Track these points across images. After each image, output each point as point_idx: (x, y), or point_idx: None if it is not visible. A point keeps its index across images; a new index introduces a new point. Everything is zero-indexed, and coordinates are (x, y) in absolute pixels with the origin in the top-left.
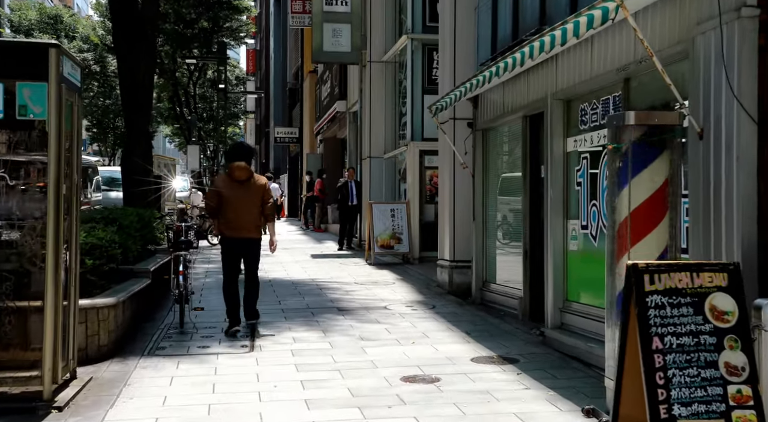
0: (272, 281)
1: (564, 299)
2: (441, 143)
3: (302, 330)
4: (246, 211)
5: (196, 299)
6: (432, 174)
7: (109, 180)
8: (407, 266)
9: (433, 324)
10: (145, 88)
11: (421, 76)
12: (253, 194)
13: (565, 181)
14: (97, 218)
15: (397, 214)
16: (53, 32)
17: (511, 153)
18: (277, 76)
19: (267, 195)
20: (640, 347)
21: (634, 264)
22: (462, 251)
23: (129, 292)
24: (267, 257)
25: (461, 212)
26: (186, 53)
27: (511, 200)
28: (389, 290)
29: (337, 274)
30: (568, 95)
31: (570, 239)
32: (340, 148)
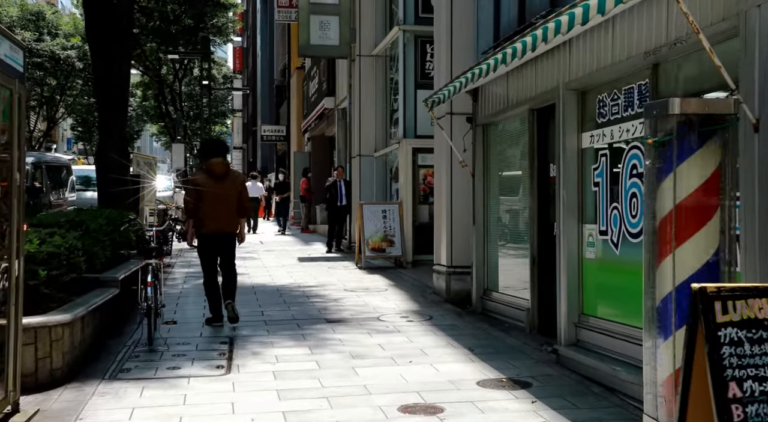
0: (255, 288)
1: (579, 312)
2: (437, 139)
3: (287, 345)
4: (224, 206)
5: (171, 308)
6: (426, 173)
7: (85, 179)
8: (400, 270)
9: (432, 338)
10: (121, 83)
11: (413, 70)
12: (231, 189)
13: (580, 181)
14: (61, 222)
15: (389, 215)
16: (35, 29)
17: (515, 150)
18: (264, 73)
19: (244, 191)
20: (713, 394)
21: (702, 288)
22: (460, 257)
23: (90, 306)
24: (251, 259)
25: (459, 214)
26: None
27: (515, 201)
28: (382, 298)
29: (326, 279)
30: (584, 85)
31: (586, 245)
32: (329, 146)
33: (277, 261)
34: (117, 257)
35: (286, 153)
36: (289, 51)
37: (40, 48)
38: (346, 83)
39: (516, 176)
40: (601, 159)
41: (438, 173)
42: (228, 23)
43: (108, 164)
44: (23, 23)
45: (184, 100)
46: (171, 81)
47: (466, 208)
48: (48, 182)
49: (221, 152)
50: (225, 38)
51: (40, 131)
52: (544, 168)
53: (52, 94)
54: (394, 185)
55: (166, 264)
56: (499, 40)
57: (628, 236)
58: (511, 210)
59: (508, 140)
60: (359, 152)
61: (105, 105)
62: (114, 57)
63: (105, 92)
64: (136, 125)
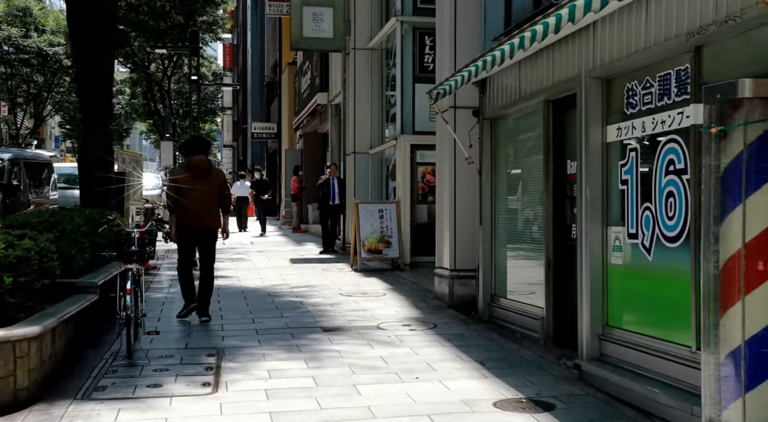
0: (246, 292)
1: (603, 324)
2: (439, 134)
3: (280, 358)
4: (205, 202)
5: (154, 316)
6: (424, 171)
7: (69, 177)
8: (397, 273)
9: (438, 350)
10: (105, 77)
11: (411, 64)
12: (211, 186)
13: (604, 178)
14: (34, 223)
15: (386, 215)
16: (22, 25)
17: (527, 146)
18: (254, 70)
19: (225, 187)
20: None
21: None
22: (464, 259)
23: (62, 316)
24: (241, 260)
25: (464, 215)
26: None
27: (527, 201)
28: (381, 304)
29: (320, 283)
30: (610, 72)
31: (612, 250)
32: (322, 143)
33: (269, 262)
34: (98, 260)
35: (277, 151)
36: (280, 47)
37: (27, 44)
38: (340, 78)
39: (528, 173)
40: (630, 154)
41: (440, 170)
42: (218, 20)
43: (91, 161)
44: (9, 19)
45: (174, 98)
46: (160, 78)
47: (471, 208)
48: (27, 179)
49: (202, 149)
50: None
51: (27, 129)
52: (561, 165)
53: (39, 91)
54: (391, 184)
55: (151, 266)
56: (511, 26)
57: (663, 240)
58: (522, 210)
59: (519, 135)
60: (354, 149)
61: (88, 100)
62: (97, 49)
63: (88, 86)
64: (125, 122)
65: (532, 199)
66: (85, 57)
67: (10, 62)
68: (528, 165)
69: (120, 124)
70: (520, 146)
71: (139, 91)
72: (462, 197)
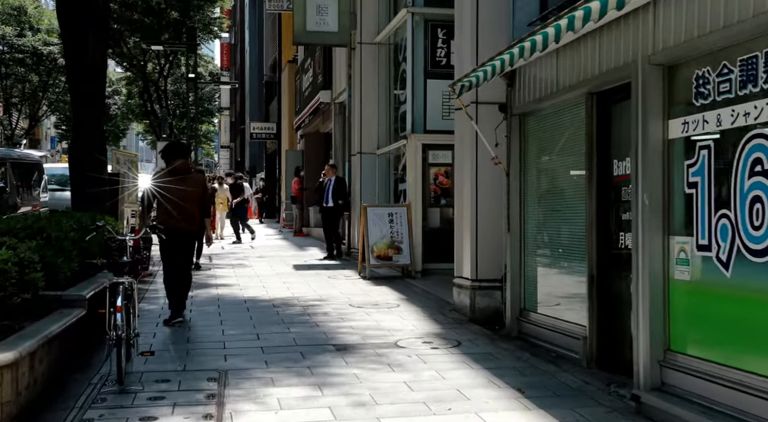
0: (248, 302)
1: (665, 348)
2: (459, 133)
3: (290, 383)
4: (185, 205)
5: (148, 331)
6: (437, 172)
7: (61, 179)
8: (409, 281)
9: (467, 372)
10: (98, 74)
11: (423, 58)
12: (193, 190)
13: (666, 181)
14: (17, 229)
15: (396, 219)
16: (17, 24)
17: (565, 143)
18: (252, 69)
19: (206, 192)
20: None
21: None
22: (487, 268)
23: (43, 337)
24: (242, 267)
25: (487, 219)
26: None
27: (562, 205)
28: (395, 317)
29: (327, 292)
30: (675, 57)
31: (676, 263)
32: (324, 143)
33: (271, 269)
34: (87, 268)
35: (276, 151)
36: (280, 44)
37: (21, 44)
38: (344, 75)
39: (564, 174)
40: (701, 152)
41: (459, 171)
42: (215, 19)
43: (83, 162)
44: (4, 18)
45: (170, 98)
46: (156, 78)
47: (496, 212)
48: (14, 181)
49: (183, 153)
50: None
51: (23, 129)
52: (606, 165)
53: (34, 91)
54: (401, 186)
55: (147, 273)
56: (548, 10)
57: (747, 253)
58: (558, 216)
59: (554, 132)
60: (360, 150)
61: (80, 98)
62: (89, 45)
63: (80, 84)
64: (121, 123)
65: (569, 203)
66: (77, 54)
67: (4, 62)
68: (564, 165)
69: (116, 124)
70: (554, 144)
71: (135, 91)
72: (485, 201)
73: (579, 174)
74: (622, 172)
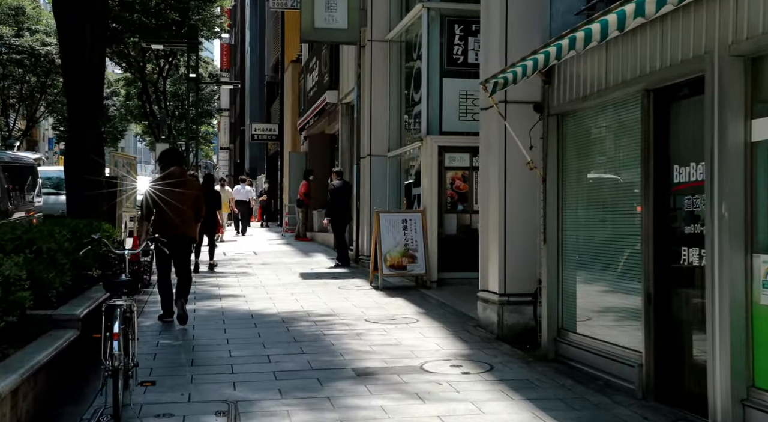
0: (255, 317)
1: (748, 384)
2: (485, 134)
3: (309, 419)
4: (180, 211)
5: (148, 352)
6: (453, 176)
7: (57, 182)
8: (424, 292)
9: (507, 405)
10: (96, 72)
11: (439, 56)
12: (187, 195)
13: (749, 190)
14: (4, 241)
15: (411, 226)
16: (14, 24)
17: (611, 147)
18: (253, 70)
19: (200, 197)
20: None
21: None
22: (516, 282)
23: (28, 369)
24: (245, 275)
25: (516, 229)
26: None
27: (612, 214)
28: (416, 334)
29: (339, 305)
30: (761, 47)
31: (762, 286)
32: (329, 145)
33: (276, 278)
34: (82, 281)
35: (278, 153)
36: (283, 43)
37: (19, 44)
38: (352, 74)
39: (614, 180)
40: None
41: (485, 176)
42: (215, 19)
43: (80, 165)
44: (2, 18)
45: (169, 99)
46: (155, 79)
47: (526, 221)
48: (6, 185)
49: (177, 160)
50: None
51: (20, 131)
52: (664, 170)
53: (32, 92)
54: (414, 190)
55: (146, 284)
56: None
57: None
58: (605, 226)
59: (600, 133)
60: (369, 152)
61: (76, 98)
62: (86, 44)
63: (76, 84)
64: (120, 124)
65: (619, 213)
66: (74, 52)
67: (2, 63)
68: (612, 171)
69: (114, 126)
70: (600, 147)
71: (134, 92)
72: (514, 209)
73: (631, 181)
74: (684, 179)
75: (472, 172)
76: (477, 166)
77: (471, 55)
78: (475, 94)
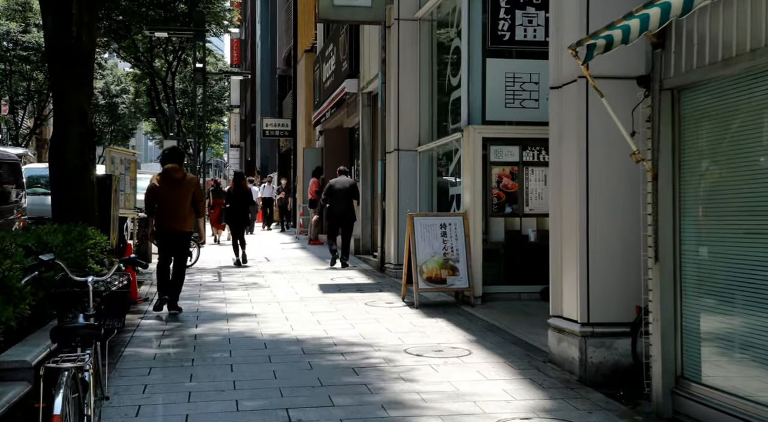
0: (269, 347)
1: None
2: (557, 120)
3: None
4: (179, 207)
5: (129, 406)
6: (500, 173)
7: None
8: (467, 309)
9: None
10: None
11: (481, 32)
12: (185, 192)
13: None
14: None
15: (450, 231)
16: (21, 20)
17: (760, 130)
18: (264, 64)
19: (198, 193)
20: None
21: None
22: (604, 308)
23: None
24: (256, 287)
25: (603, 240)
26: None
27: (760, 226)
28: (474, 374)
29: (371, 329)
30: None
31: None
32: (348, 140)
33: (292, 290)
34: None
35: (291, 150)
36: (296, 32)
37: (26, 40)
38: (376, 59)
39: (763, 176)
40: None
41: (557, 173)
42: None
43: (66, 161)
44: (9, 13)
45: (179, 96)
46: (164, 75)
47: (619, 230)
48: None
49: (176, 159)
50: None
51: (28, 128)
52: None
53: (39, 88)
54: (452, 190)
55: (140, 299)
56: None
57: None
58: (750, 241)
59: (746, 113)
60: (397, 146)
61: (62, 81)
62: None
63: (61, 64)
64: (130, 122)
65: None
66: (58, 26)
67: (9, 59)
68: (762, 163)
69: (125, 124)
70: (743, 131)
71: (143, 89)
72: (600, 214)
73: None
74: None
75: (523, 168)
76: (528, 161)
77: (519, 31)
78: (523, 77)
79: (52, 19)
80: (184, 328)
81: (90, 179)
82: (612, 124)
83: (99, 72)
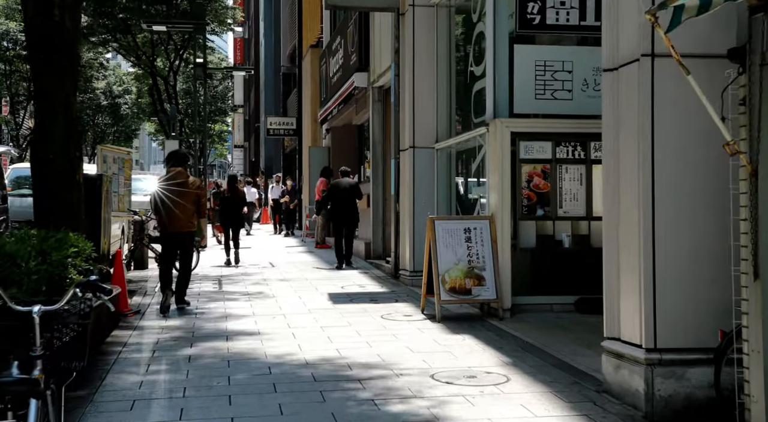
0: (275, 371)
1: None
2: (613, 106)
3: None
4: (182, 208)
5: None
6: (531, 172)
7: None
8: (496, 323)
9: None
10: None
11: (508, 16)
12: (188, 194)
13: None
14: None
15: (476, 236)
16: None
17: None
18: (268, 62)
19: (201, 195)
20: None
21: None
22: (674, 332)
23: None
24: (260, 297)
25: (673, 249)
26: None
27: None
28: (518, 410)
29: (390, 348)
30: None
31: None
32: (356, 137)
33: (300, 301)
34: None
35: (296, 150)
36: (301, 28)
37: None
38: (388, 50)
39: None
40: None
41: (614, 170)
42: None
43: (49, 161)
44: (8, 12)
45: (181, 97)
46: (166, 74)
47: (697, 237)
48: None
49: (179, 162)
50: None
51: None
52: None
53: None
54: (475, 191)
55: (132, 311)
56: None
57: None
58: None
59: None
60: (412, 143)
61: (43, 70)
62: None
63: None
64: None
65: None
66: (40, 8)
67: (9, 59)
68: None
69: (128, 125)
70: None
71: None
72: (670, 218)
73: None
74: None
75: (556, 166)
76: (561, 158)
77: (550, 14)
78: (555, 66)
79: (33, 1)
80: (177, 348)
81: (76, 179)
82: (686, 110)
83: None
